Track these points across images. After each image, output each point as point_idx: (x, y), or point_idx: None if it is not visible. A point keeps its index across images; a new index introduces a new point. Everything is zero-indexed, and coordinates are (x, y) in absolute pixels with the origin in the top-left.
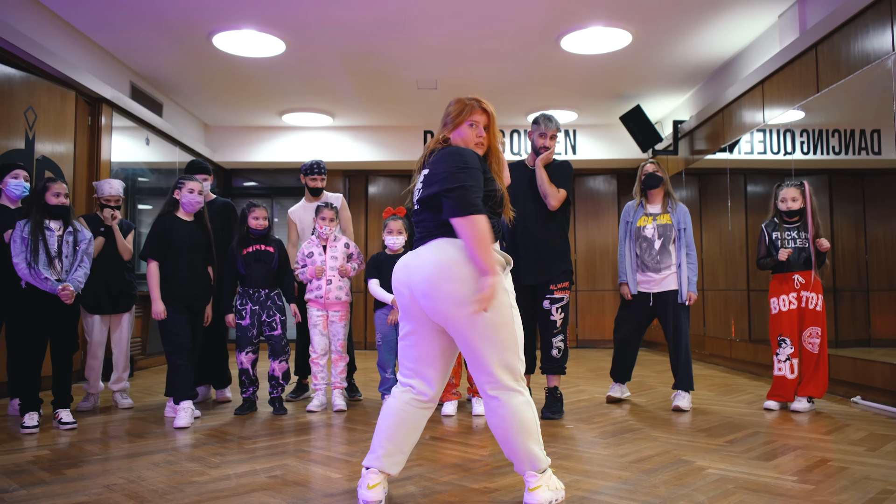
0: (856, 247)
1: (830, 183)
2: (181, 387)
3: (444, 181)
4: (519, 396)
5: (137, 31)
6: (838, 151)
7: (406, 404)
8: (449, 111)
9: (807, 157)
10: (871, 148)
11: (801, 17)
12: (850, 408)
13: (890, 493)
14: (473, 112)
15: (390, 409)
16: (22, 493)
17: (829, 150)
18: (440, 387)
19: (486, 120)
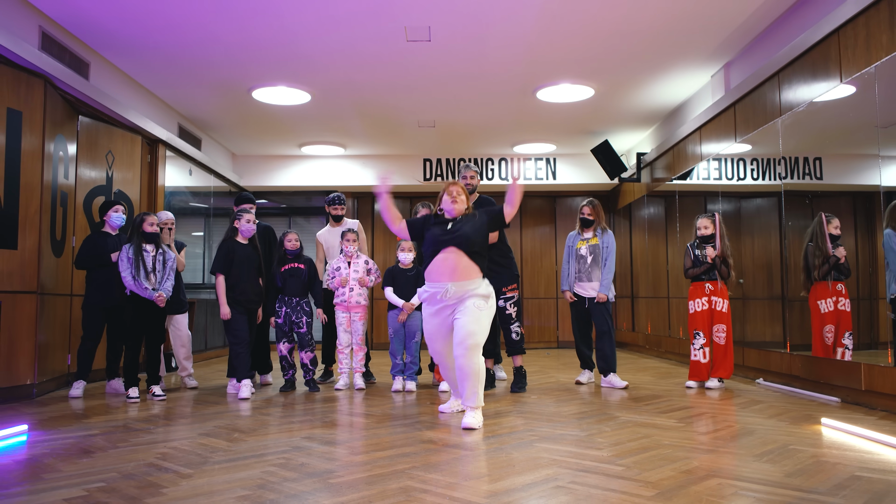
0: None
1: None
2: (242, 369)
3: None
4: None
5: (190, 87)
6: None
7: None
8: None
9: (731, 183)
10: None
11: (727, 78)
12: (753, 387)
13: (730, 427)
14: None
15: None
16: (160, 430)
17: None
18: None
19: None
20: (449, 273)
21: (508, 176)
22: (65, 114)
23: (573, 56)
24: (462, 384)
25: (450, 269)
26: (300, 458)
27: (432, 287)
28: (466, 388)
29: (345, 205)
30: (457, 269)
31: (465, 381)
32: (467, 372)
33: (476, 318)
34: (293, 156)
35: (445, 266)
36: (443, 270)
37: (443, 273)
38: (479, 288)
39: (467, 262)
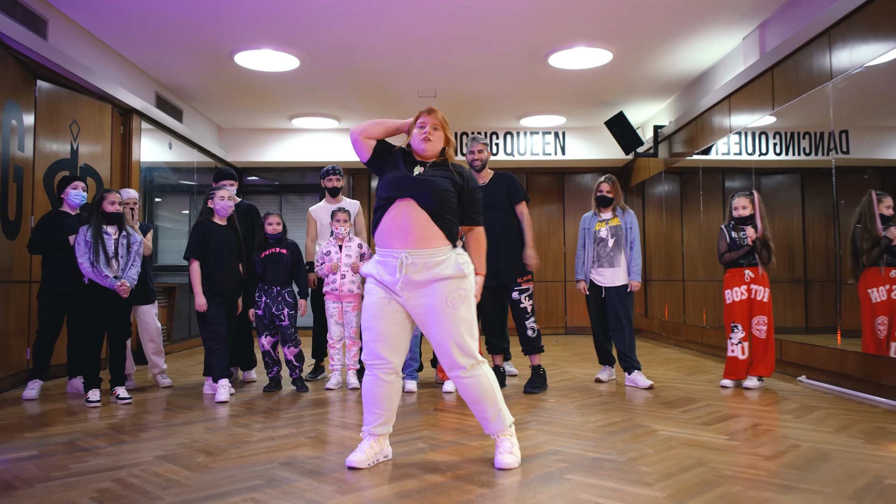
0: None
1: (803, 181)
2: (219, 367)
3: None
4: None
5: (167, 50)
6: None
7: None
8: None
9: (768, 158)
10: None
11: (762, 41)
12: (795, 386)
13: (796, 447)
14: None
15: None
16: (112, 449)
17: (800, 152)
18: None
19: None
20: (403, 236)
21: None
22: (19, 77)
23: (591, 14)
24: (477, 409)
25: (404, 230)
26: (273, 499)
27: (382, 255)
28: (483, 413)
29: (341, 176)
30: (412, 230)
31: (479, 404)
32: (478, 394)
33: (452, 322)
34: (284, 129)
35: (398, 224)
36: (394, 231)
37: (394, 235)
38: (446, 267)
39: (428, 222)
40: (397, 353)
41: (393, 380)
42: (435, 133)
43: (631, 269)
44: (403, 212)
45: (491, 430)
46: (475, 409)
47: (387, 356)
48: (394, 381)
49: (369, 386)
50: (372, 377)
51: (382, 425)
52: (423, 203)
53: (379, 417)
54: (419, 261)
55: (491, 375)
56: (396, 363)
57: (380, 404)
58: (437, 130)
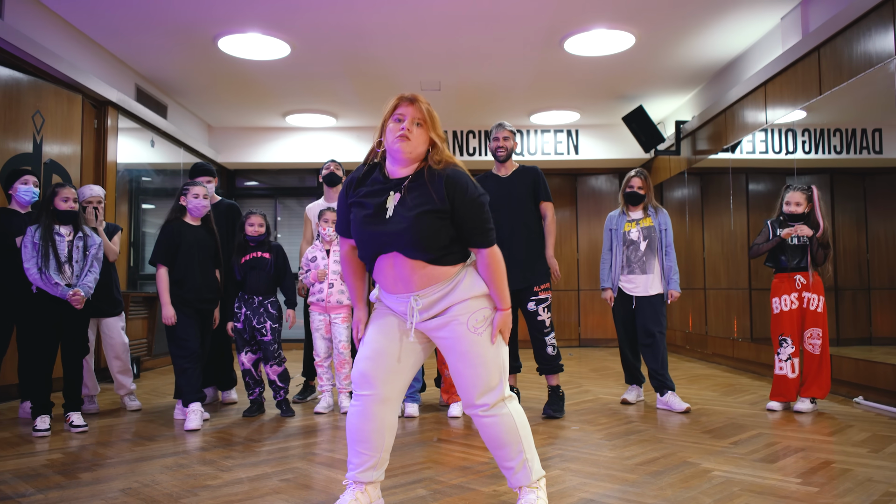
0: (857, 245)
1: (832, 182)
2: (190, 389)
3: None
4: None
5: (143, 35)
6: (840, 151)
7: None
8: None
9: (808, 157)
10: (873, 147)
11: (804, 19)
12: (852, 408)
13: (893, 495)
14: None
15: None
16: (39, 497)
17: (831, 150)
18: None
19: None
20: (404, 285)
21: None
22: None
23: None
24: (498, 455)
25: (403, 281)
26: None
27: (391, 300)
28: (505, 460)
29: (339, 164)
30: (412, 279)
31: (500, 450)
32: (498, 437)
33: (476, 351)
34: (278, 127)
35: (393, 275)
36: (392, 282)
37: (394, 284)
38: (462, 285)
39: (427, 268)
40: (393, 381)
41: (385, 413)
42: (416, 129)
43: (670, 277)
44: (394, 264)
45: (514, 483)
46: (496, 456)
47: (378, 381)
48: (386, 415)
49: (354, 418)
50: (359, 407)
51: (371, 470)
52: (411, 256)
53: (367, 460)
54: (429, 299)
55: (519, 414)
56: (389, 393)
57: (368, 443)
58: (418, 126)
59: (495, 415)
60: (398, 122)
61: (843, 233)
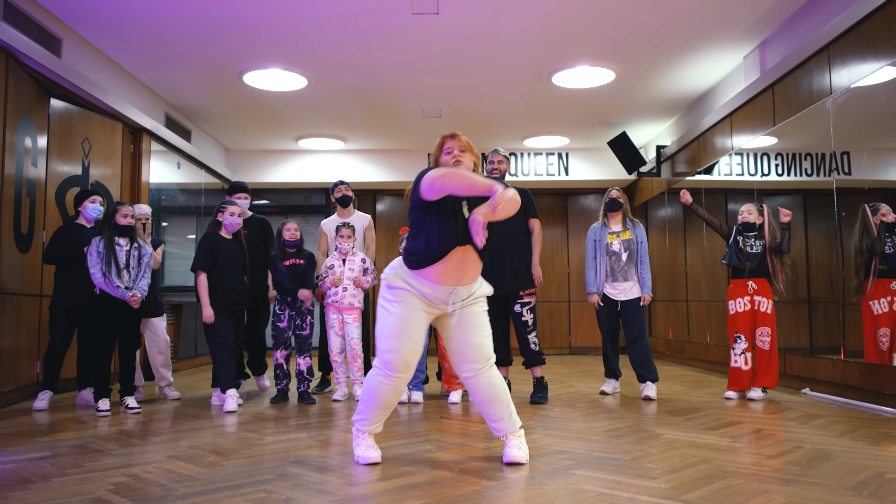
0: (828, 262)
1: (805, 202)
2: (227, 378)
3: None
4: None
5: (175, 69)
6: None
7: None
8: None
9: (769, 178)
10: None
11: (762, 58)
12: (799, 397)
13: (799, 447)
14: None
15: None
16: (123, 451)
17: (802, 172)
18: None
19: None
20: (457, 277)
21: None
22: (33, 95)
23: (594, 33)
24: (490, 412)
25: (459, 272)
26: (285, 490)
27: (433, 288)
28: (496, 415)
29: (348, 186)
30: (467, 272)
31: (493, 406)
32: (492, 395)
33: (488, 330)
34: (290, 150)
35: (461, 267)
36: (449, 273)
37: (449, 276)
38: (483, 285)
39: (478, 263)
40: (417, 361)
41: (404, 387)
42: (463, 156)
43: (644, 283)
44: (463, 258)
45: (501, 432)
46: (489, 412)
47: (412, 364)
48: (404, 386)
49: (387, 393)
50: (393, 384)
51: (381, 425)
52: (476, 248)
53: (383, 418)
54: (465, 291)
55: (500, 376)
56: (413, 370)
57: (390, 409)
58: (464, 153)
59: (490, 376)
60: (449, 153)
61: (816, 250)
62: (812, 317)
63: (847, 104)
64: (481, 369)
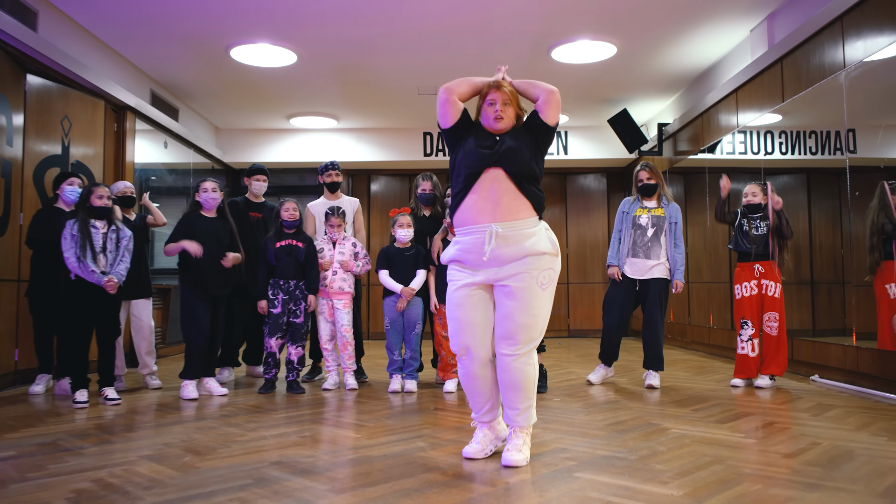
0: (832, 242)
1: (809, 181)
2: (194, 366)
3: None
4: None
5: (160, 45)
6: (815, 151)
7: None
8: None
9: (774, 157)
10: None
11: (770, 32)
12: (808, 385)
13: (817, 444)
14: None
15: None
16: (95, 450)
17: (806, 150)
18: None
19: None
20: (490, 209)
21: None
22: (8, 70)
23: (595, 5)
24: (511, 397)
25: (491, 203)
26: (261, 498)
27: (466, 232)
28: (516, 402)
29: (339, 170)
30: (501, 202)
31: (517, 392)
32: (520, 382)
33: (537, 303)
34: (281, 129)
35: (487, 198)
36: (480, 206)
37: (480, 210)
38: (540, 240)
39: (516, 194)
40: (485, 340)
41: (484, 369)
42: (506, 109)
43: (675, 268)
44: (491, 185)
45: (512, 423)
46: (509, 396)
47: (474, 346)
48: (487, 369)
49: (464, 379)
50: (464, 369)
51: (489, 412)
52: (510, 171)
53: (483, 405)
54: (509, 233)
55: (537, 370)
56: (484, 354)
57: (480, 394)
58: (507, 106)
59: (528, 363)
60: (491, 105)
61: (819, 230)
62: (815, 298)
63: (861, 78)
64: (518, 353)
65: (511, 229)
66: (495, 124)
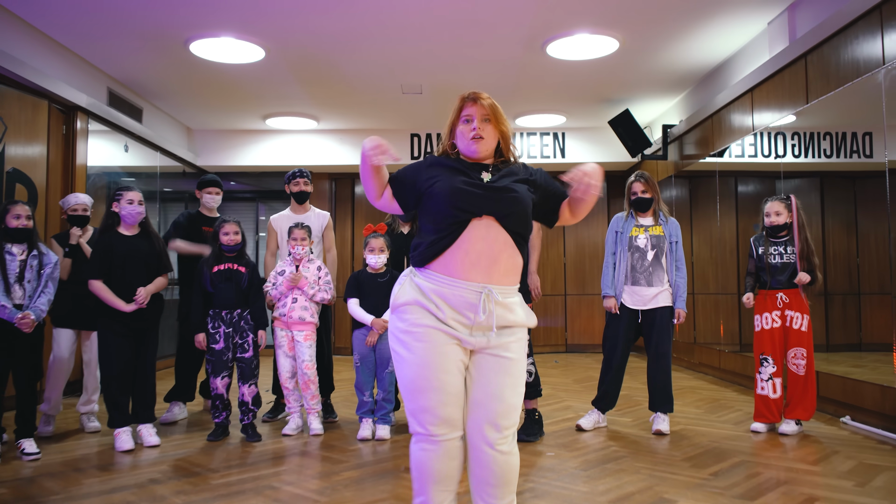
0: (847, 249)
1: (822, 185)
2: (115, 413)
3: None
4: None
5: (114, 39)
6: (829, 154)
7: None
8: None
9: (797, 161)
10: (863, 151)
11: (791, 25)
12: (839, 429)
13: None
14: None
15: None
16: None
17: (821, 153)
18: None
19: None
20: (486, 267)
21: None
22: None
23: None
24: (492, 493)
25: (488, 259)
26: None
27: (451, 285)
28: (500, 497)
29: (310, 180)
30: (499, 259)
31: (500, 488)
32: (506, 475)
33: (518, 381)
34: (258, 130)
35: (479, 251)
36: (473, 260)
37: (474, 265)
38: (520, 307)
39: (514, 250)
40: (462, 412)
41: (462, 445)
42: (486, 126)
43: (677, 295)
44: (486, 235)
45: None
46: (487, 492)
47: (460, 421)
48: (462, 446)
49: (437, 461)
50: (438, 448)
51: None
52: (508, 223)
53: (450, 495)
54: (502, 300)
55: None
56: (463, 424)
57: (452, 479)
58: (487, 122)
59: (511, 451)
60: (467, 122)
61: (833, 237)
62: (829, 311)
63: None
64: (504, 440)
65: (504, 296)
66: (473, 146)
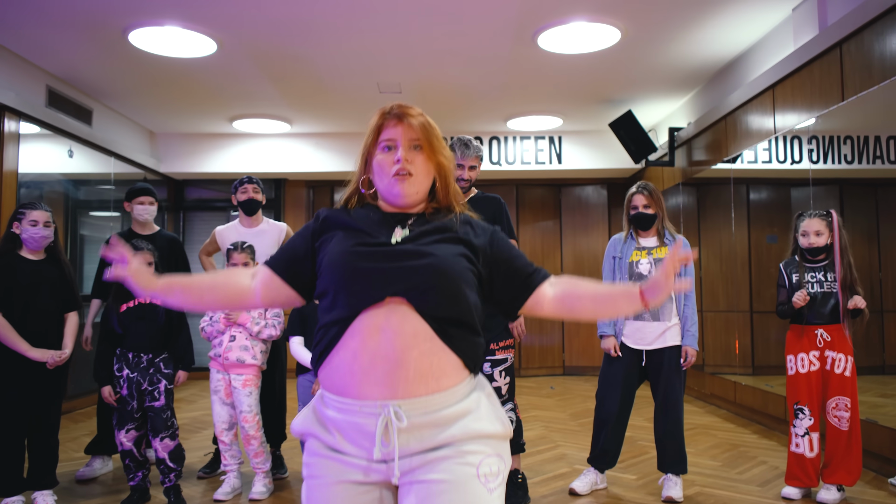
0: (868, 263)
1: (841, 193)
2: (5, 478)
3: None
4: None
5: (44, 28)
6: (850, 160)
7: None
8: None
9: (817, 167)
10: (887, 156)
11: (821, 10)
12: (887, 494)
13: None
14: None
15: None
16: None
17: (842, 159)
18: None
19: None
20: (383, 377)
21: None
22: None
23: None
24: None
25: (387, 363)
26: None
27: (342, 407)
28: None
29: (259, 186)
30: (403, 362)
31: None
32: None
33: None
34: (226, 134)
35: (373, 354)
36: (365, 368)
37: (366, 376)
38: (480, 416)
39: (433, 343)
40: None
41: None
42: (416, 157)
43: (685, 329)
44: (385, 326)
45: None
46: None
47: None
48: None
49: None
50: None
51: None
52: (422, 303)
53: None
54: (421, 419)
55: None
56: None
57: None
58: (418, 151)
59: None
60: (388, 150)
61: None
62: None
63: None
64: None
65: (424, 412)
66: (395, 186)
